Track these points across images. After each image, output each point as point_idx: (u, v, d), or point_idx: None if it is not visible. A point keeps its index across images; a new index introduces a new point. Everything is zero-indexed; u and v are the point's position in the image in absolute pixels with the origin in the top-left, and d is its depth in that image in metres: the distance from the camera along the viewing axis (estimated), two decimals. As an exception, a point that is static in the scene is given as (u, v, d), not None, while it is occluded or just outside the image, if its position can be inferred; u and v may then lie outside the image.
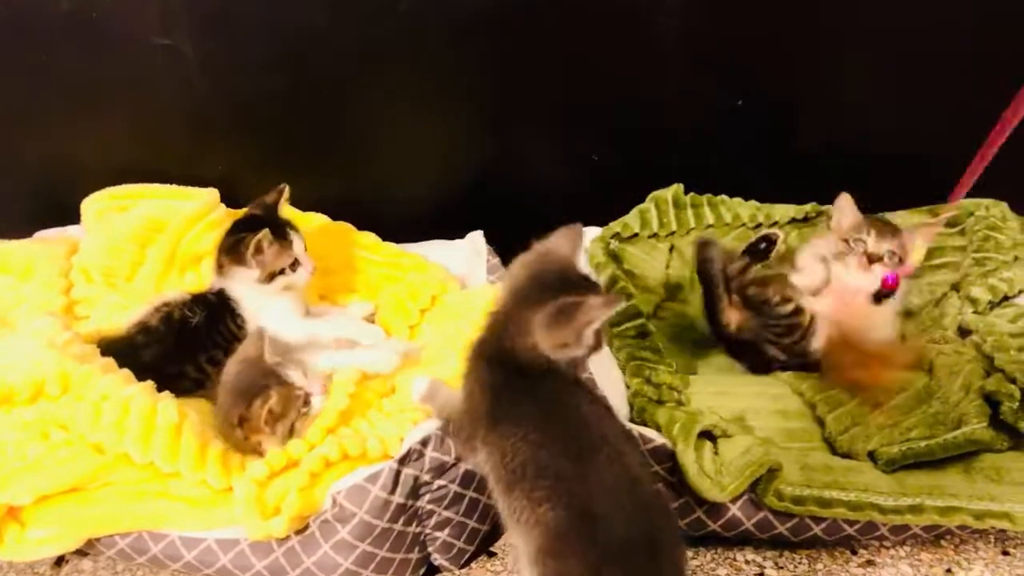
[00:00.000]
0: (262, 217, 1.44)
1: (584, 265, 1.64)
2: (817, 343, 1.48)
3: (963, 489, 1.24)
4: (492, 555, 1.31)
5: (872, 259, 1.50)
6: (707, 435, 1.26)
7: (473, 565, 1.29)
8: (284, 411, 1.23)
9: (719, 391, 1.44)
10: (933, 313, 1.52)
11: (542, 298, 1.04)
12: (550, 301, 1.02)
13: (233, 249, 1.42)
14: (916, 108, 1.78)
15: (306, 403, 1.25)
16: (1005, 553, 1.31)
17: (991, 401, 1.31)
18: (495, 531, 1.34)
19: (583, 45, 1.67)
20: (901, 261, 1.51)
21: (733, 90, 1.74)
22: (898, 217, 1.74)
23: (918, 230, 1.56)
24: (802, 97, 1.77)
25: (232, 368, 1.28)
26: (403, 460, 1.14)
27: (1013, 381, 1.32)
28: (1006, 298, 1.56)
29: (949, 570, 1.28)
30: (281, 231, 1.42)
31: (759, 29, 1.68)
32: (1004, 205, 1.71)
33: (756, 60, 1.71)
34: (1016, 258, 1.60)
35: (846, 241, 1.53)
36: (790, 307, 1.48)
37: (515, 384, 1.04)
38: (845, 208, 1.56)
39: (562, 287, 1.05)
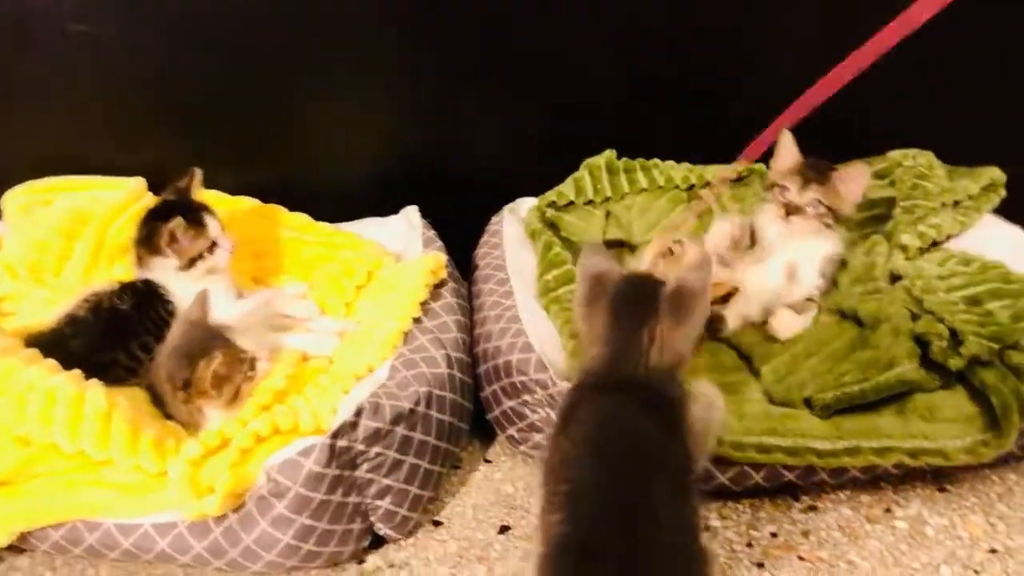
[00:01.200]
0: (175, 203, 1.42)
1: (522, 235, 1.64)
2: (733, 320, 1.48)
3: (897, 429, 1.26)
4: (438, 524, 1.30)
5: (790, 210, 1.46)
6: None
7: (419, 534, 1.28)
8: (229, 373, 1.22)
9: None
10: (865, 263, 1.54)
11: (649, 309, 1.01)
12: (653, 304, 1.00)
13: (148, 240, 1.40)
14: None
15: (252, 367, 1.24)
16: (941, 490, 1.33)
17: (921, 342, 1.33)
18: (439, 498, 1.34)
19: (510, 17, 1.67)
20: (830, 212, 1.47)
21: (660, 55, 1.75)
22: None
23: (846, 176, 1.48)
24: (729, 59, 1.77)
25: (177, 329, 1.26)
26: (336, 433, 1.12)
27: (942, 321, 1.34)
28: (935, 243, 1.59)
29: (888, 509, 1.30)
30: (195, 215, 1.40)
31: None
32: (930, 154, 1.74)
33: (682, 24, 1.72)
34: (943, 204, 1.63)
35: (773, 186, 1.50)
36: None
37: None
38: (784, 148, 1.51)
39: (651, 291, 1.03)
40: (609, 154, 1.76)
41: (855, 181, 1.47)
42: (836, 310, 1.49)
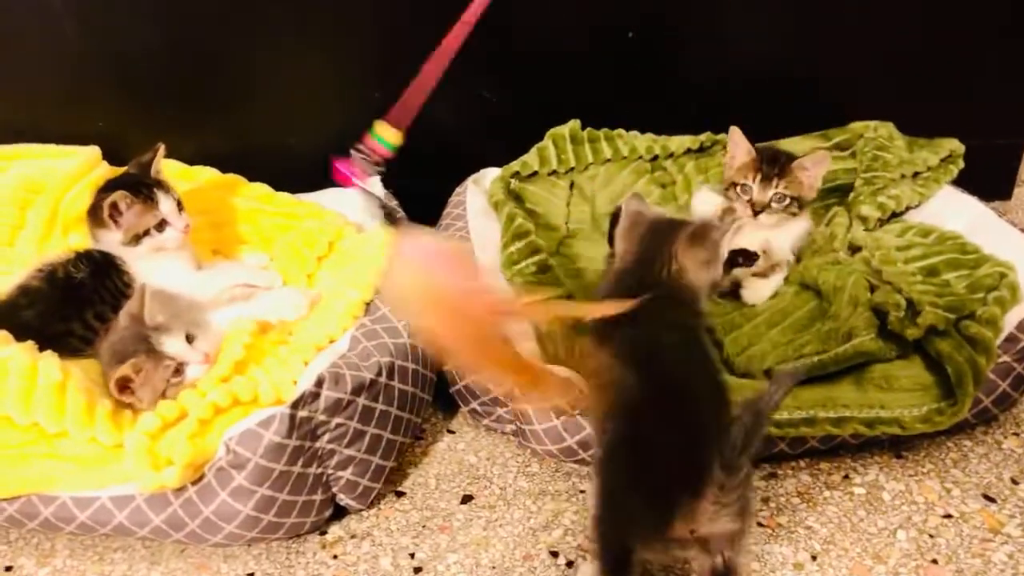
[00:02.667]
0: (136, 175, 1.39)
1: (486, 206, 1.63)
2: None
3: (854, 399, 1.27)
4: (400, 494, 1.30)
5: (756, 208, 1.48)
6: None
7: (381, 504, 1.28)
8: (145, 381, 1.18)
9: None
10: (825, 233, 1.55)
11: (676, 229, 1.18)
12: (675, 232, 1.17)
13: (93, 211, 1.37)
14: (805, 33, 1.80)
15: (178, 372, 1.21)
16: (899, 456, 1.35)
17: (879, 313, 1.34)
18: (402, 468, 1.33)
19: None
20: (795, 201, 1.48)
21: (624, 23, 1.74)
22: (791, 143, 1.76)
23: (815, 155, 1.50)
24: (693, 27, 1.78)
25: (120, 323, 1.24)
26: (297, 404, 1.11)
27: (899, 292, 1.36)
28: (894, 214, 1.60)
29: (847, 476, 1.32)
30: (145, 190, 1.36)
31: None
32: (891, 125, 1.75)
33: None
34: (903, 176, 1.64)
35: (733, 186, 1.51)
36: None
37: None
38: (735, 144, 1.52)
39: (683, 223, 1.21)
40: (573, 124, 1.76)
41: (815, 168, 1.49)
42: (797, 281, 1.50)
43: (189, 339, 1.25)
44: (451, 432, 1.42)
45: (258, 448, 1.09)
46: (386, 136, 1.59)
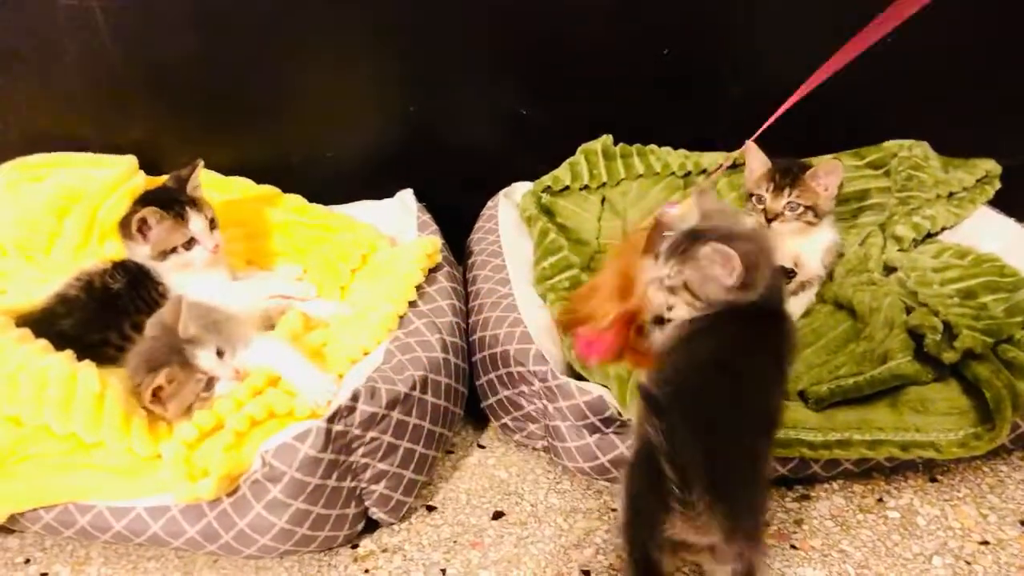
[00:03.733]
0: (172, 190, 1.40)
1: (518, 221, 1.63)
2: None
3: (889, 422, 1.26)
4: (432, 509, 1.30)
5: (770, 216, 1.50)
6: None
7: (412, 519, 1.28)
8: (176, 392, 1.18)
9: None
10: (859, 253, 1.54)
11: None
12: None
13: (123, 224, 1.39)
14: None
15: (208, 387, 1.21)
16: (933, 480, 1.34)
17: (915, 335, 1.33)
18: (433, 483, 1.34)
19: (502, 1, 1.65)
20: (810, 210, 1.49)
21: (658, 40, 1.73)
22: (823, 160, 1.75)
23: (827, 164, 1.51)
24: (726, 44, 1.77)
25: (150, 329, 1.24)
26: (332, 418, 1.12)
27: (936, 314, 1.35)
28: (929, 235, 1.59)
29: (880, 499, 1.31)
30: (176, 207, 1.37)
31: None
32: (926, 145, 1.74)
33: (681, 11, 1.71)
34: (938, 196, 1.63)
35: (750, 197, 1.53)
36: None
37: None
38: (751, 158, 1.55)
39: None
40: (605, 139, 1.76)
41: (828, 177, 1.50)
42: (831, 301, 1.49)
43: (219, 354, 1.24)
44: (481, 447, 1.42)
45: (294, 461, 1.10)
46: None
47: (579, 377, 1.30)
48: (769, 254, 1.15)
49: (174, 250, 1.37)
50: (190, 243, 1.38)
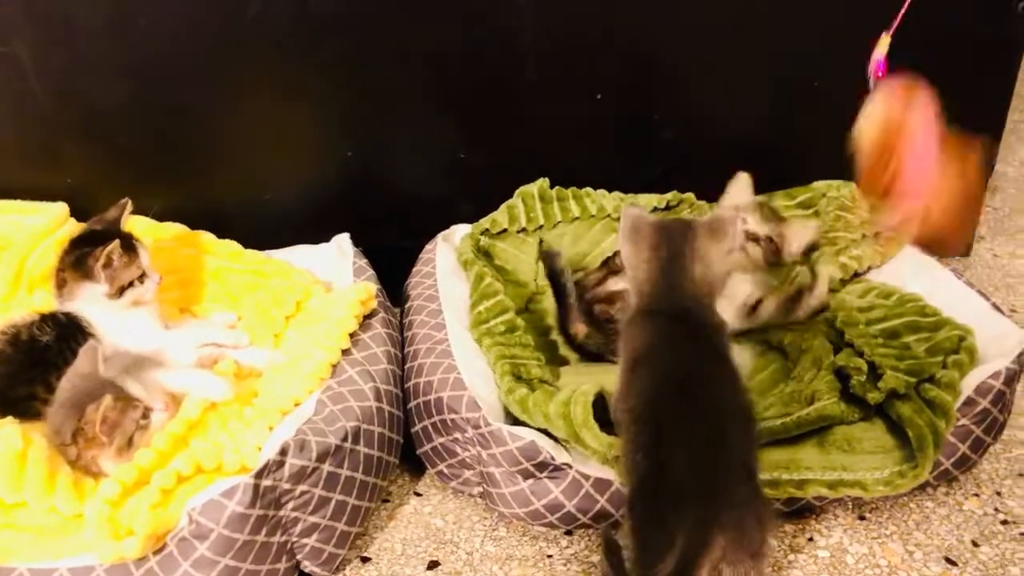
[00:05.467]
0: (104, 232, 1.39)
1: (455, 264, 1.64)
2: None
3: (817, 461, 1.29)
4: (366, 560, 1.29)
5: (749, 236, 1.54)
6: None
7: (347, 571, 1.27)
8: (120, 420, 1.18)
9: (590, 379, 1.45)
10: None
11: (686, 230, 1.17)
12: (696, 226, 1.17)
13: (79, 263, 1.37)
14: (769, 94, 1.84)
15: (145, 416, 1.21)
16: (862, 518, 1.36)
17: (842, 375, 1.36)
18: (368, 533, 1.33)
19: (440, 44, 1.68)
20: (777, 251, 1.54)
21: (593, 85, 1.77)
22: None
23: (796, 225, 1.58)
24: (659, 88, 1.80)
25: (65, 384, 1.23)
26: (260, 473, 1.11)
27: (861, 355, 1.38)
28: (856, 274, 1.63)
29: (811, 538, 1.33)
30: (128, 243, 1.37)
31: (613, 21, 1.71)
32: (853, 185, 1.78)
33: (612, 53, 1.74)
34: (864, 236, 1.67)
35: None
36: None
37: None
38: (740, 187, 1.59)
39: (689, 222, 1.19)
40: (542, 182, 1.77)
41: (803, 233, 1.56)
42: (762, 342, 1.52)
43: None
44: (418, 495, 1.42)
45: (221, 518, 1.08)
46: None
47: (516, 422, 1.31)
48: None
49: (131, 284, 1.37)
50: (142, 277, 1.38)
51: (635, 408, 1.08)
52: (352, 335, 1.39)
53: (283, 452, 1.14)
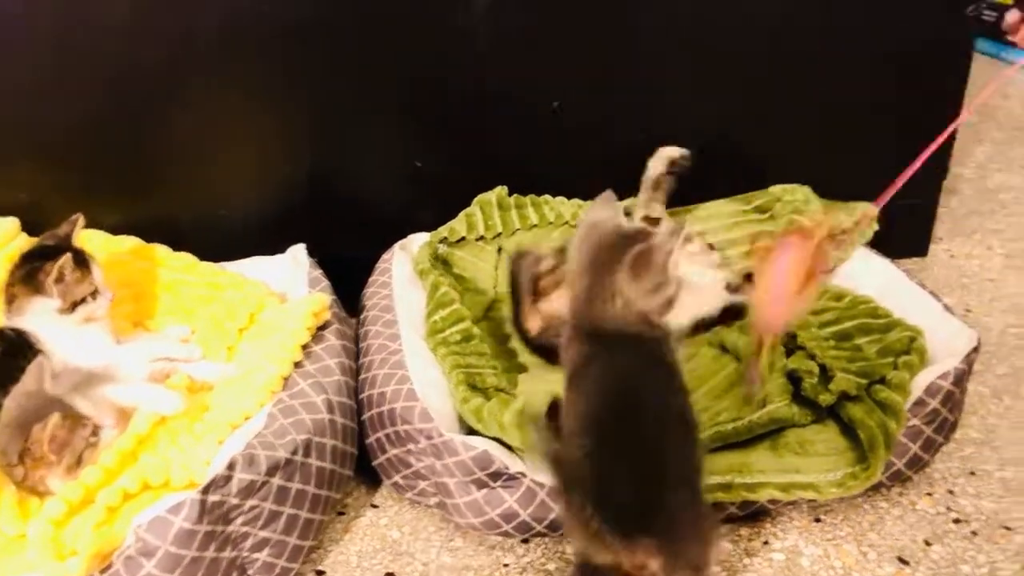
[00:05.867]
0: (55, 247, 1.37)
1: (412, 273, 1.63)
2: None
3: (770, 464, 1.29)
4: (320, 573, 1.28)
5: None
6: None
7: (301, 585, 1.27)
8: (68, 438, 1.17)
9: (546, 387, 1.45)
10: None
11: (615, 258, 1.08)
12: (622, 258, 1.08)
13: (30, 278, 1.35)
14: (727, 100, 1.85)
15: (94, 433, 1.20)
16: (817, 520, 1.37)
17: (794, 378, 1.37)
18: (322, 546, 1.32)
19: (396, 53, 1.68)
20: None
21: (549, 91, 1.77)
22: (714, 206, 1.81)
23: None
24: (616, 96, 1.81)
25: (11, 403, 1.21)
26: (207, 488, 1.10)
27: (813, 357, 1.39)
28: (811, 278, 1.64)
29: (766, 542, 1.34)
30: (80, 259, 1.36)
31: (570, 28, 1.72)
32: (807, 189, 1.80)
33: (569, 61, 1.75)
34: (819, 239, 1.68)
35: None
36: None
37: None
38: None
39: (627, 243, 1.09)
40: (500, 190, 1.78)
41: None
42: (716, 344, 1.53)
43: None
44: (374, 507, 1.41)
45: (167, 535, 1.07)
46: None
47: (472, 432, 1.31)
48: None
49: (83, 300, 1.35)
50: (95, 293, 1.37)
51: (571, 424, 1.07)
52: (305, 347, 1.38)
53: (231, 467, 1.13)
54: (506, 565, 1.29)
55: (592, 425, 1.03)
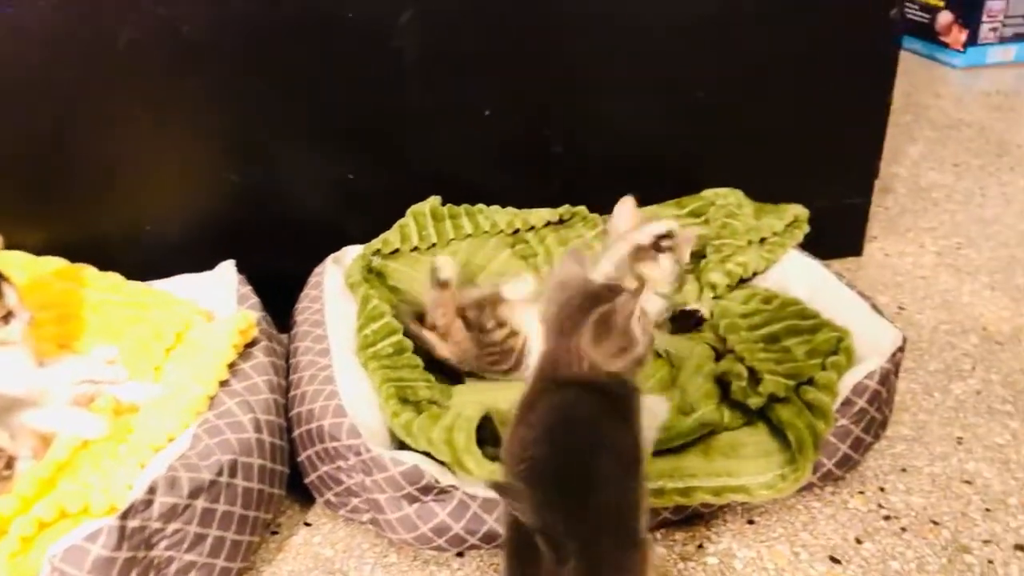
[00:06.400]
0: None
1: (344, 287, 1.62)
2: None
3: (701, 468, 1.30)
4: (252, 595, 1.27)
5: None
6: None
7: (230, 608, 1.24)
8: None
9: (480, 399, 1.45)
10: (676, 301, 1.59)
11: (579, 322, 1.05)
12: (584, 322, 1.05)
13: None
14: (659, 106, 1.86)
15: (8, 466, 1.17)
16: (751, 522, 1.38)
17: (723, 382, 1.38)
18: (255, 567, 1.30)
19: (322, 66, 1.67)
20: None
21: (479, 100, 1.77)
22: (648, 211, 1.82)
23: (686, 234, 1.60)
24: (549, 101, 1.81)
25: None
26: (126, 514, 1.07)
27: (742, 360, 1.40)
28: (742, 280, 1.66)
29: (701, 545, 1.34)
30: None
31: (497, 37, 1.72)
32: (740, 193, 1.82)
33: (499, 69, 1.75)
34: (750, 242, 1.70)
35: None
36: (503, 332, 1.49)
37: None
38: (625, 212, 1.60)
39: (591, 304, 1.06)
40: (434, 200, 1.77)
41: (684, 245, 1.58)
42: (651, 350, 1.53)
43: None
44: (308, 525, 1.39)
45: (84, 564, 1.04)
46: None
47: (402, 446, 1.29)
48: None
49: None
50: (7, 317, 1.33)
51: (511, 457, 1.04)
52: (232, 365, 1.36)
53: (151, 490, 1.11)
54: (441, 579, 1.28)
55: (529, 457, 1.00)
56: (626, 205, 1.59)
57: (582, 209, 1.81)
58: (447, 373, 1.54)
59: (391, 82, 1.70)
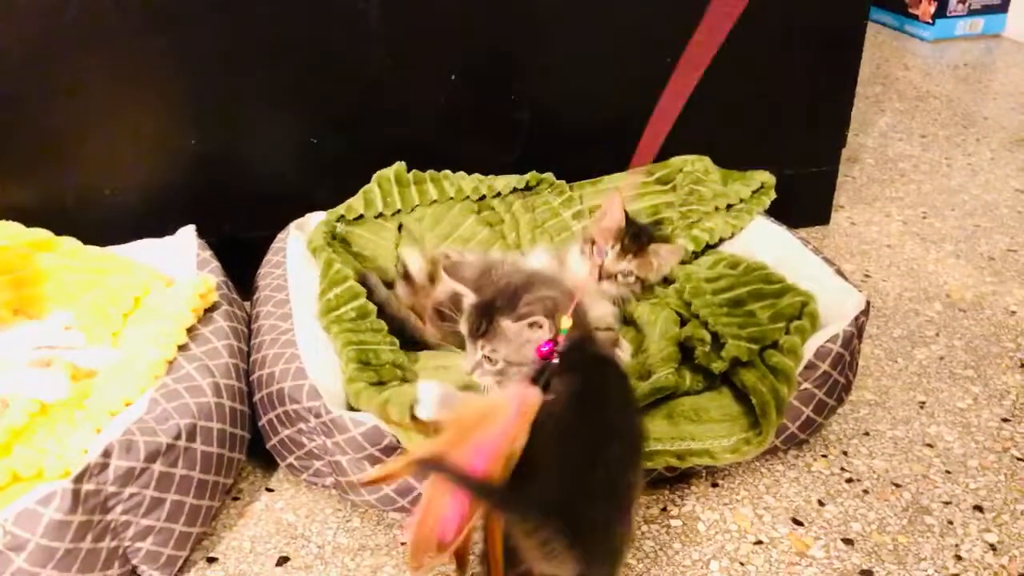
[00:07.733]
0: None
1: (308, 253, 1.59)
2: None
3: (666, 432, 1.30)
4: (213, 560, 1.25)
5: (603, 275, 1.53)
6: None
7: (191, 572, 1.23)
8: None
9: (443, 364, 1.44)
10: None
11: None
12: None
13: None
14: (625, 72, 1.84)
15: None
16: (714, 485, 1.39)
17: (687, 347, 1.38)
18: (215, 532, 1.29)
19: (285, 29, 1.64)
20: (639, 281, 1.55)
21: (444, 65, 1.75)
22: (615, 179, 1.81)
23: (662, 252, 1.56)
24: (515, 68, 1.79)
25: None
26: (80, 477, 1.06)
27: (706, 325, 1.40)
28: (709, 247, 1.65)
29: (665, 508, 1.34)
30: None
31: (464, 4, 1.70)
32: (707, 160, 1.81)
33: (464, 33, 1.73)
34: (717, 208, 1.70)
35: (591, 243, 1.55)
36: None
37: None
38: (611, 206, 1.56)
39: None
40: (398, 166, 1.75)
41: (668, 258, 1.55)
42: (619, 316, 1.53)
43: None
44: (270, 490, 1.38)
45: (37, 527, 1.03)
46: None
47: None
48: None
49: None
50: None
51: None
52: (192, 330, 1.34)
53: (107, 454, 1.09)
54: (404, 543, 1.28)
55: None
56: (615, 202, 1.57)
57: (549, 176, 1.80)
58: (413, 340, 1.53)
59: (355, 46, 1.68)
